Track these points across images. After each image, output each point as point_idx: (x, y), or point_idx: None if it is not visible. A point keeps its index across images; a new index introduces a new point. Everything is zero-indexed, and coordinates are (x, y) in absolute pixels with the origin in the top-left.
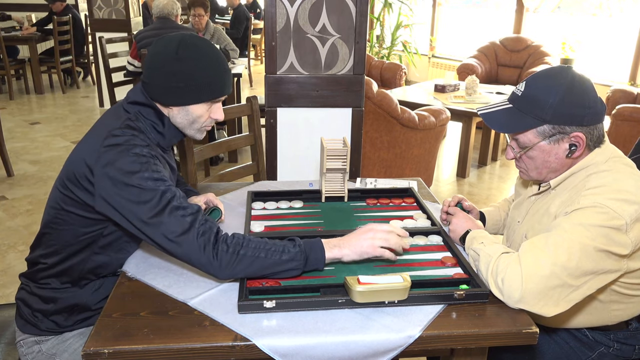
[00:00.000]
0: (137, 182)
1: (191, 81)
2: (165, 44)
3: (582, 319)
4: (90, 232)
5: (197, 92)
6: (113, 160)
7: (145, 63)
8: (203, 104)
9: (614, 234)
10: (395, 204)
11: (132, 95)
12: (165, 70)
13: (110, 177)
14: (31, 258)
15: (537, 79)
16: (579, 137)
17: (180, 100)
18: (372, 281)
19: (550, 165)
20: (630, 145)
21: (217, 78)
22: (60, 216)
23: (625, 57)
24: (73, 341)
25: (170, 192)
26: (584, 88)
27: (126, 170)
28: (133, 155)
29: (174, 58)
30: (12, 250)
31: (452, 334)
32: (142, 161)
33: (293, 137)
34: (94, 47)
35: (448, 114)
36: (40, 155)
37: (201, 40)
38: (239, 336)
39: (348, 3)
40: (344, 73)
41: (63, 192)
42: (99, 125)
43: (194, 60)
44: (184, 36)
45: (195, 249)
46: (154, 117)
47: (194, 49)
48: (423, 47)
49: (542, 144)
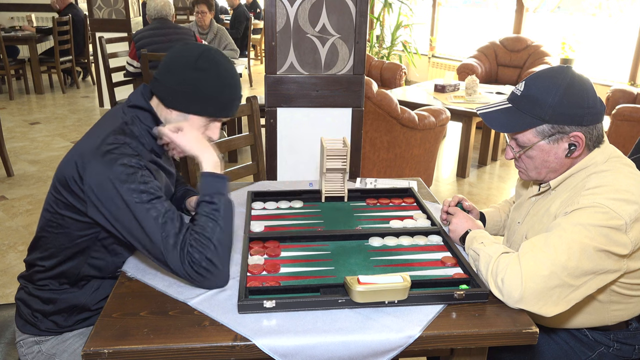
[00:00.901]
0: (122, 193)
1: (200, 92)
2: (188, 49)
3: (582, 319)
4: (85, 236)
5: (202, 104)
6: (100, 169)
7: (163, 61)
8: (203, 118)
9: (614, 234)
10: (395, 204)
11: (133, 98)
12: (180, 74)
13: (97, 186)
14: (28, 260)
15: (536, 79)
16: (578, 137)
17: (184, 106)
18: (372, 281)
19: (550, 165)
20: (630, 145)
21: (226, 98)
22: (55, 220)
23: (625, 57)
24: (73, 341)
25: (156, 207)
26: (583, 88)
27: (112, 180)
28: (121, 165)
29: (192, 66)
30: (12, 250)
31: (452, 334)
32: (129, 172)
33: (293, 137)
34: (93, 47)
35: (448, 114)
36: (40, 155)
37: (224, 58)
38: (238, 336)
39: (348, 3)
40: (344, 73)
41: (56, 195)
42: (95, 129)
43: (209, 73)
44: (209, 49)
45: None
46: (150, 122)
47: (214, 64)
48: (423, 47)
49: (542, 144)
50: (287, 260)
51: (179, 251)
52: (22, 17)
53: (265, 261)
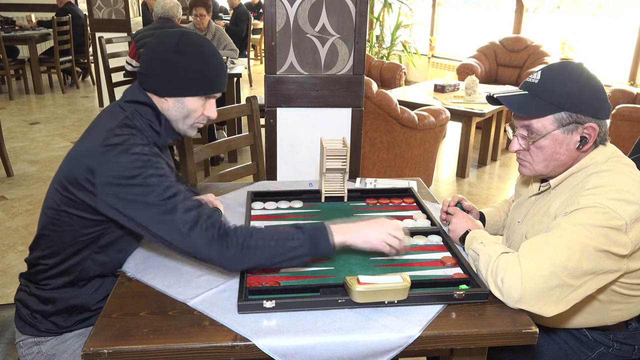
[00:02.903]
0: (140, 181)
1: (189, 73)
2: (167, 37)
3: (581, 319)
4: (90, 233)
5: (193, 85)
6: (114, 161)
7: (144, 55)
8: (198, 99)
9: (614, 234)
10: (395, 204)
11: (129, 94)
12: (165, 61)
13: (113, 178)
14: (30, 259)
15: (555, 69)
16: (592, 129)
17: (177, 90)
18: (371, 281)
19: (560, 157)
20: (630, 145)
21: (214, 74)
22: (60, 217)
23: (624, 57)
24: (72, 342)
25: (174, 188)
26: (598, 82)
27: (128, 170)
28: (134, 154)
29: (174, 50)
30: (12, 250)
31: (452, 334)
32: (144, 159)
33: (293, 137)
34: (93, 47)
35: (448, 114)
36: (39, 155)
37: (201, 38)
38: (238, 336)
39: (348, 3)
40: (344, 73)
41: (63, 193)
42: (97, 125)
43: (193, 54)
44: (186, 32)
45: (204, 243)
46: (151, 116)
47: (194, 45)
48: (423, 47)
49: (556, 133)
50: None
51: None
52: (22, 17)
53: None
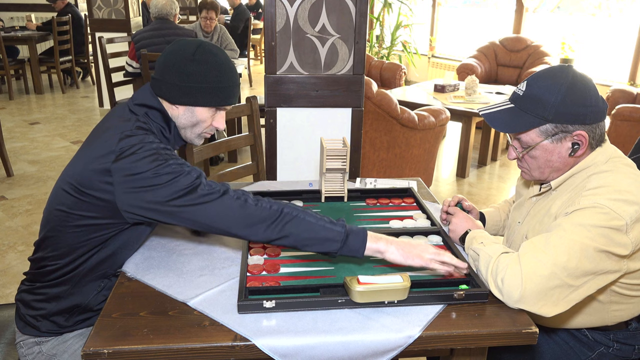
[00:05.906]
0: (166, 170)
1: (203, 83)
2: (184, 45)
3: (581, 319)
4: (100, 235)
5: (206, 95)
6: (134, 160)
7: (160, 60)
8: (208, 109)
9: (614, 234)
10: (395, 204)
11: (140, 97)
12: (180, 69)
13: (135, 177)
14: (35, 260)
15: (538, 78)
16: (581, 136)
17: (189, 99)
18: (371, 281)
19: (553, 164)
20: (630, 145)
21: (228, 86)
22: (70, 220)
23: (624, 57)
24: (73, 342)
25: (196, 171)
26: (585, 86)
27: (149, 165)
28: (152, 150)
29: (191, 59)
30: (12, 251)
31: (452, 334)
32: (162, 153)
33: (293, 137)
34: (93, 47)
35: (448, 114)
36: (39, 155)
37: (218, 49)
38: (238, 336)
39: (348, 3)
40: (344, 73)
41: (75, 196)
42: (108, 127)
43: (209, 65)
44: (203, 42)
45: (235, 213)
46: (161, 121)
47: (211, 55)
48: (423, 47)
49: (545, 143)
50: (287, 260)
51: (231, 194)
52: (22, 17)
53: (265, 261)
